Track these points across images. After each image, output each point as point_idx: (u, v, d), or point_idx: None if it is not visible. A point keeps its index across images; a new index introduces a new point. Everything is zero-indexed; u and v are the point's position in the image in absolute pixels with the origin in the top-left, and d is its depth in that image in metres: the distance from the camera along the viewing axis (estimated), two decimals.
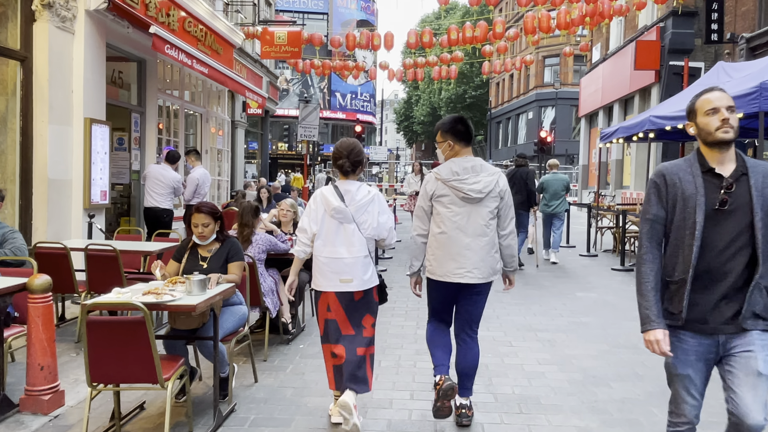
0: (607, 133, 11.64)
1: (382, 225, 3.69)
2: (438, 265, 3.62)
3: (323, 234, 3.67)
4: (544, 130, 26.30)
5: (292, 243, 5.76)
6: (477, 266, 3.56)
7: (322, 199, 3.67)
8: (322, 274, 3.68)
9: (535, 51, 39.73)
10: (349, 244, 3.63)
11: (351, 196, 3.65)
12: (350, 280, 3.60)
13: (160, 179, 8.28)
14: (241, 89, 10.67)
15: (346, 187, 3.67)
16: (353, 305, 3.66)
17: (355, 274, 3.62)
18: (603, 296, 7.86)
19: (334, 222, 3.64)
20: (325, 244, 3.66)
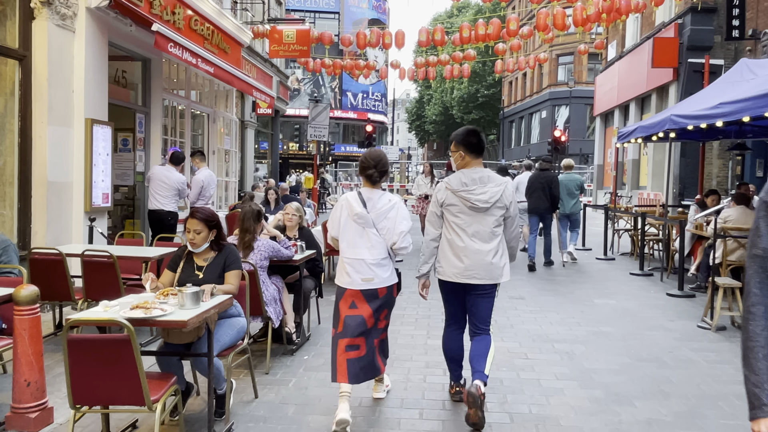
0: (625, 133, 11.28)
1: (396, 230, 3.89)
2: (447, 267, 3.96)
3: (347, 237, 3.94)
4: (558, 129, 25.87)
5: (296, 249, 5.51)
6: (483, 268, 3.89)
7: (346, 205, 3.95)
8: (346, 273, 3.95)
9: (548, 49, 39.28)
10: (371, 246, 3.89)
11: (373, 203, 3.92)
12: (371, 279, 3.88)
13: (164, 181, 8.06)
14: (248, 89, 10.44)
15: (369, 194, 3.95)
16: (376, 301, 3.91)
17: (376, 274, 3.89)
18: (622, 303, 7.53)
19: (358, 226, 3.90)
20: (349, 246, 3.94)
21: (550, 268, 10.21)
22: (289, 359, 5.23)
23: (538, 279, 9.14)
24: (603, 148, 25.07)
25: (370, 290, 3.88)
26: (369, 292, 3.89)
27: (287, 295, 5.47)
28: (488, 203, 3.87)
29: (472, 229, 3.91)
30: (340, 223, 3.95)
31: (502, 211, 3.93)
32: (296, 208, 5.98)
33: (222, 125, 11.91)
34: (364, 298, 3.89)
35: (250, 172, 19.05)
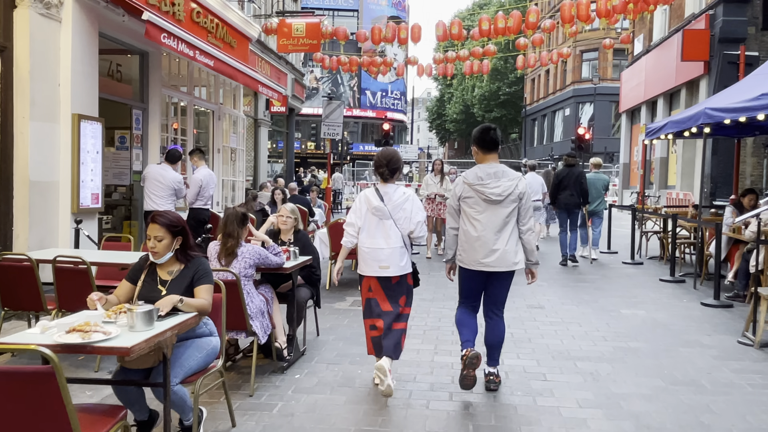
0: (654, 129, 10.57)
1: (413, 220, 4.27)
2: (466, 256, 4.28)
3: (366, 228, 4.32)
4: (582, 127, 25.09)
5: (288, 255, 4.98)
6: (499, 257, 4.18)
7: (365, 199, 4.35)
8: (365, 262, 4.33)
9: (572, 44, 38.31)
10: (387, 236, 4.26)
11: (389, 197, 4.30)
12: (387, 267, 4.24)
13: (160, 180, 7.61)
14: (253, 84, 9.95)
15: (385, 189, 4.34)
16: (391, 287, 4.29)
17: (392, 262, 4.25)
18: (652, 314, 6.87)
19: (375, 218, 4.29)
20: (368, 236, 4.31)
21: (573, 272, 9.57)
22: (278, 378, 4.70)
23: (560, 286, 8.50)
24: (629, 146, 24.20)
25: (386, 277, 4.28)
26: (383, 280, 4.29)
27: (278, 306, 4.94)
28: (501, 196, 4.16)
29: (486, 220, 4.20)
30: (361, 215, 4.35)
31: (516, 203, 4.21)
32: (291, 209, 5.44)
33: (228, 122, 11.45)
34: (379, 284, 4.30)
35: (264, 170, 18.62)
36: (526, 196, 4.27)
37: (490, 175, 4.21)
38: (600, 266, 10.28)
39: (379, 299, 4.32)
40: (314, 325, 5.93)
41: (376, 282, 4.31)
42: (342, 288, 8.25)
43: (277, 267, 4.67)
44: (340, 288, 8.25)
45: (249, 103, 18.79)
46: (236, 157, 11.48)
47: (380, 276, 4.28)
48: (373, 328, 4.36)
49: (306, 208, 11.06)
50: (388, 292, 4.31)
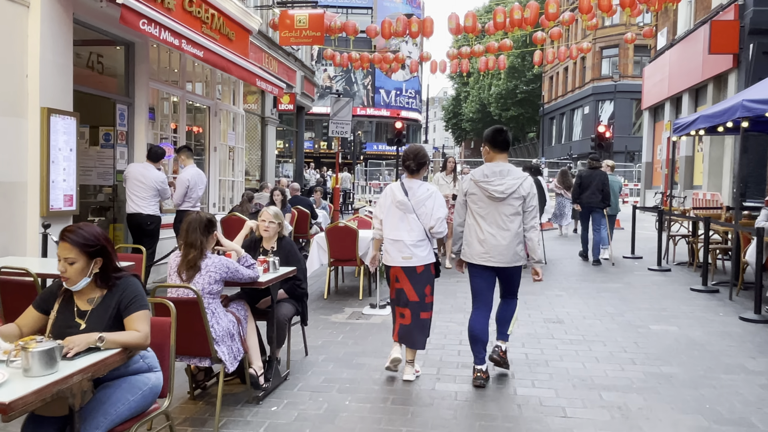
0: (683, 124, 9.76)
1: (434, 216, 4.41)
2: (470, 251, 4.43)
3: (389, 221, 4.53)
4: (603, 125, 24.16)
5: (266, 267, 4.31)
6: (501, 253, 4.31)
7: (390, 192, 4.55)
8: (389, 253, 4.53)
9: (592, 40, 37.25)
10: (410, 229, 4.45)
11: (413, 191, 4.48)
12: (410, 257, 4.43)
13: (141, 180, 7.00)
14: (250, 77, 9.31)
15: (409, 184, 4.52)
16: (416, 277, 4.45)
17: (414, 253, 4.44)
18: (686, 331, 6.10)
19: (399, 212, 4.48)
20: (391, 229, 4.52)
21: (595, 280, 8.81)
22: (251, 411, 4.03)
23: (580, 296, 7.75)
24: (652, 145, 23.26)
25: (409, 267, 4.46)
26: (408, 269, 4.46)
27: (253, 326, 4.27)
28: (504, 194, 4.28)
29: (490, 216, 4.34)
30: (384, 208, 4.57)
31: (519, 201, 4.32)
32: (274, 213, 4.77)
33: (226, 120, 10.83)
34: (405, 274, 4.47)
35: (271, 170, 18.04)
36: (531, 196, 4.37)
37: (496, 173, 4.35)
38: (624, 273, 9.50)
39: (406, 289, 4.49)
40: (302, 344, 5.26)
41: (401, 272, 4.49)
42: (342, 297, 7.59)
43: (250, 281, 4.01)
44: (339, 297, 7.59)
45: (256, 101, 18.23)
46: (235, 156, 10.85)
47: (405, 266, 4.47)
48: (401, 316, 4.55)
49: (308, 210, 10.41)
50: (414, 282, 4.48)
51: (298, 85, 20.65)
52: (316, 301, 7.35)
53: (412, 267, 4.46)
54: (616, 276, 9.21)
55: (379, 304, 6.90)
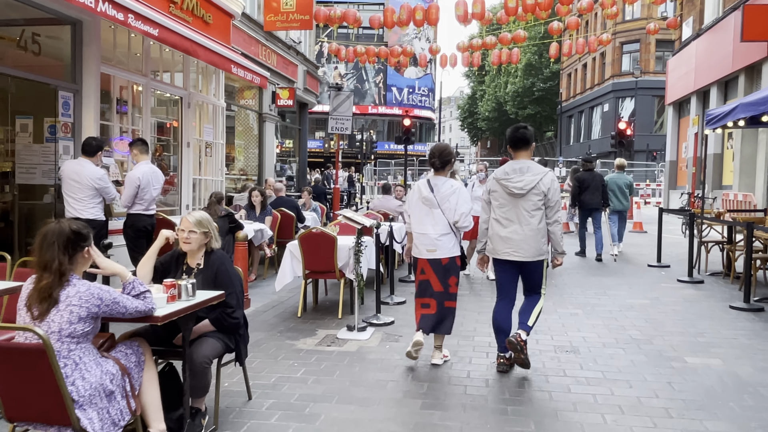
0: (718, 115, 8.54)
1: (458, 211, 4.68)
2: (493, 246, 4.65)
3: (416, 215, 4.83)
4: (624, 121, 22.83)
5: (175, 293, 3.21)
6: (522, 247, 4.49)
7: (417, 189, 4.84)
8: (415, 246, 4.84)
9: (612, 35, 35.79)
10: (435, 224, 4.74)
11: (438, 188, 4.75)
12: (434, 250, 4.72)
13: (76, 179, 5.97)
14: (222, 63, 8.25)
15: (435, 181, 4.79)
16: (442, 268, 4.73)
17: (439, 246, 4.72)
18: (731, 365, 4.91)
19: (425, 207, 4.78)
20: (418, 223, 4.82)
21: (618, 295, 7.63)
22: None
23: (599, 315, 6.57)
24: (676, 142, 21.88)
25: (435, 259, 4.71)
26: (434, 261, 4.71)
27: (153, 375, 3.17)
28: (523, 190, 4.44)
29: (512, 213, 4.52)
30: (412, 204, 4.84)
31: (539, 197, 4.46)
32: (196, 220, 3.67)
33: (203, 112, 9.79)
34: (430, 266, 4.72)
35: (270, 169, 17.02)
36: (552, 191, 4.48)
37: (516, 171, 4.51)
38: (651, 285, 8.29)
39: (431, 281, 4.72)
40: (245, 384, 4.17)
41: (428, 264, 4.73)
42: (319, 315, 6.50)
43: (140, 316, 2.92)
44: (316, 315, 6.50)
45: (253, 96, 17.24)
46: (212, 152, 9.79)
47: (430, 258, 4.70)
48: (425, 306, 4.74)
49: (294, 213, 9.33)
50: (439, 273, 4.70)
51: (300, 80, 19.62)
52: (287, 321, 6.27)
53: (437, 259, 4.70)
54: (641, 289, 8.01)
55: (357, 326, 5.80)
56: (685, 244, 9.47)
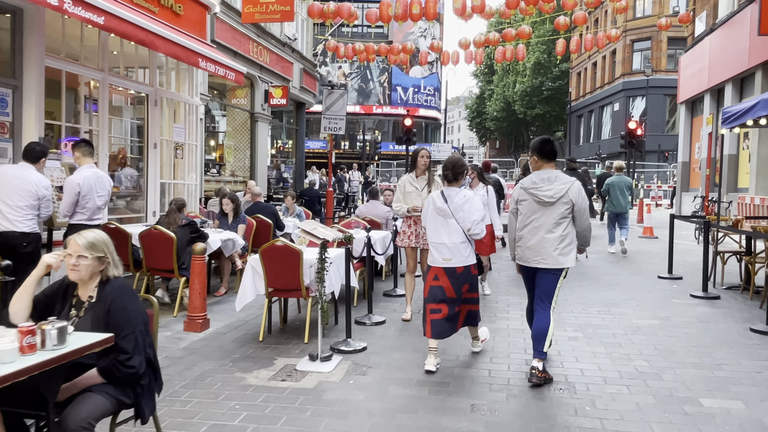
0: (735, 113, 7.72)
1: (469, 219, 4.82)
2: (521, 253, 4.76)
3: (431, 225, 4.98)
4: (634, 121, 21.96)
5: (34, 342, 2.47)
6: (548, 255, 4.59)
7: (431, 201, 5.02)
8: (431, 255, 4.98)
9: (622, 33, 34.84)
10: (449, 233, 4.87)
11: (451, 199, 4.91)
12: (450, 259, 4.84)
13: (17, 185, 5.27)
14: (187, 56, 7.49)
15: (448, 192, 4.97)
16: (456, 276, 4.83)
17: (454, 255, 4.84)
18: (756, 410, 4.10)
19: (440, 217, 4.92)
20: (433, 232, 4.97)
21: (624, 313, 6.82)
22: None
23: (600, 341, 5.78)
24: (689, 142, 20.95)
25: (450, 268, 4.84)
26: (449, 270, 4.84)
27: None
28: (553, 198, 4.58)
29: (539, 221, 4.63)
30: (427, 215, 5.04)
31: (568, 206, 4.60)
32: (88, 243, 2.93)
33: (177, 111, 9.07)
34: (445, 274, 4.84)
35: (262, 171, 16.32)
36: (581, 200, 4.60)
37: (544, 180, 4.64)
38: (661, 301, 7.48)
39: (444, 287, 4.80)
40: None
41: (442, 272, 4.83)
42: (282, 339, 5.76)
43: None
44: (279, 339, 5.75)
45: (245, 95, 16.56)
46: (184, 154, 9.04)
47: (446, 267, 4.81)
48: (435, 312, 4.78)
49: (271, 220, 8.60)
50: (453, 280, 4.80)
51: (296, 78, 18.92)
52: (245, 346, 5.53)
53: (453, 268, 4.82)
54: (650, 306, 7.20)
55: (321, 356, 5.05)
56: (699, 252, 8.65)
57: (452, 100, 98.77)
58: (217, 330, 6.08)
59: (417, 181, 6.48)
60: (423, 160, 6.48)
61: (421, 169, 6.47)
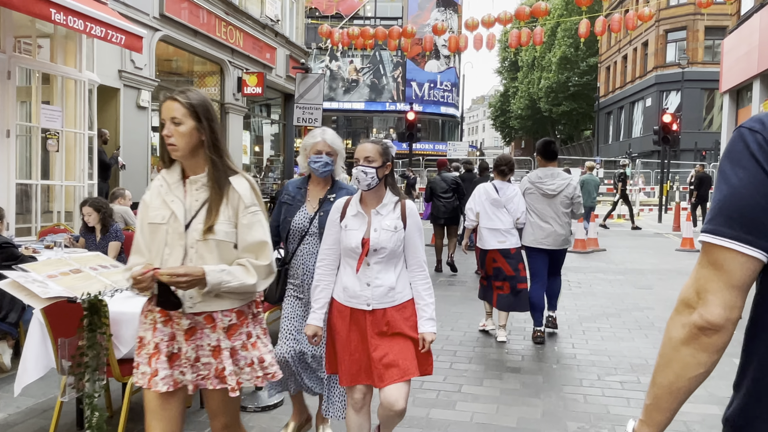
0: None
1: (519, 209, 5.53)
2: (533, 237, 5.52)
3: (486, 214, 5.64)
4: (668, 114, 19.33)
5: None
6: (554, 238, 5.46)
7: (485, 191, 5.70)
8: (486, 239, 5.62)
9: (656, 14, 31.94)
10: (502, 221, 5.58)
11: (503, 191, 5.63)
12: (504, 241, 5.53)
13: None
14: (36, 6, 5.30)
15: (500, 185, 5.67)
16: (510, 256, 5.55)
17: (506, 238, 5.55)
18: None
19: (493, 206, 5.62)
20: (488, 220, 5.63)
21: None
22: None
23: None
24: None
25: (504, 249, 5.55)
26: (504, 251, 5.54)
27: None
28: (555, 191, 5.44)
29: (546, 210, 5.46)
30: (480, 204, 5.67)
31: (567, 200, 5.49)
32: None
33: (52, 87, 6.89)
34: (501, 255, 5.54)
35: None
36: (576, 194, 5.55)
37: (548, 176, 5.51)
38: None
39: (503, 267, 5.53)
40: None
41: (498, 253, 5.54)
42: None
43: None
44: None
45: (215, 83, 14.48)
46: (61, 146, 6.82)
47: (501, 248, 5.53)
48: (499, 288, 5.58)
49: None
50: (509, 260, 5.53)
51: (280, 65, 16.79)
52: None
53: (507, 249, 5.53)
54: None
55: None
56: None
57: (477, 99, 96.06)
58: (7, 420, 3.88)
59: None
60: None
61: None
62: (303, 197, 3.40)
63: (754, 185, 1.10)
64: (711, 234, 1.14)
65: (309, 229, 3.28)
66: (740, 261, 1.11)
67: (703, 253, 1.17)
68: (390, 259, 2.76)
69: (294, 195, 3.42)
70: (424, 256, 2.88)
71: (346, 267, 2.83)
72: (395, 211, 2.81)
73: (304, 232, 3.30)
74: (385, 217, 2.79)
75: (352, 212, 2.82)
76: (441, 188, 9.26)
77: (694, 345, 1.15)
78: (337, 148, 3.34)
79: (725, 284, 1.12)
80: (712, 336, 1.14)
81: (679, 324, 1.18)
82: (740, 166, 1.13)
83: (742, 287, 1.13)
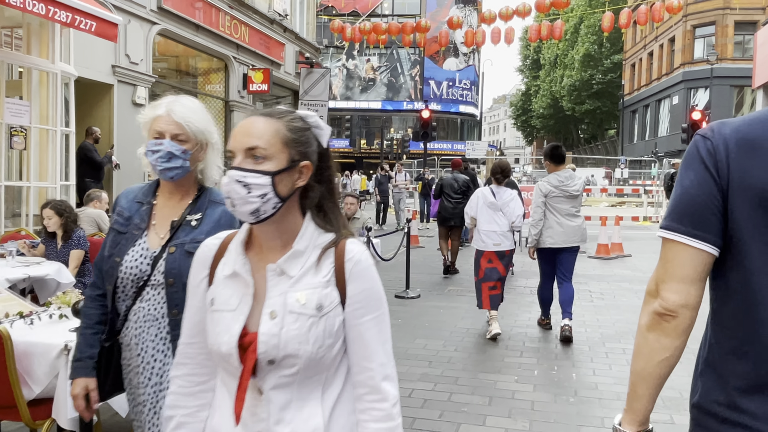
0: None
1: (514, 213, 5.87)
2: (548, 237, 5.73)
3: (483, 217, 5.92)
4: (698, 110, 18.38)
5: None
6: (574, 235, 5.73)
7: (482, 195, 6.04)
8: (483, 240, 5.90)
9: (684, 6, 30.79)
10: (499, 223, 5.87)
11: (500, 195, 5.93)
12: (499, 244, 5.84)
13: None
14: None
15: (497, 190, 5.98)
16: (504, 257, 5.91)
17: (502, 240, 5.86)
18: None
19: (490, 210, 5.90)
20: (486, 222, 5.91)
21: None
22: None
23: None
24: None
25: (500, 251, 5.86)
26: (500, 253, 5.86)
27: None
28: (578, 191, 5.79)
29: (565, 210, 5.72)
30: (477, 207, 5.99)
31: (581, 197, 5.89)
32: None
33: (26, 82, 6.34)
34: (497, 256, 5.85)
35: None
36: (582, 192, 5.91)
37: (567, 177, 5.74)
38: None
39: (498, 268, 5.84)
40: None
41: (494, 255, 5.84)
42: None
43: None
44: None
45: (220, 81, 13.96)
46: (29, 144, 6.22)
47: (497, 250, 5.83)
48: (492, 288, 5.83)
49: None
50: (503, 261, 5.88)
51: (289, 62, 16.21)
52: None
53: (502, 251, 5.85)
54: None
55: None
56: None
57: (498, 99, 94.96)
58: None
59: None
60: None
61: None
62: (145, 219, 1.97)
63: (701, 186, 1.21)
64: (665, 230, 1.26)
65: (151, 279, 1.90)
66: (690, 253, 1.22)
67: (661, 247, 1.27)
68: (308, 377, 1.29)
69: (130, 215, 1.98)
70: (386, 360, 1.34)
71: (222, 391, 1.36)
72: (320, 267, 1.32)
73: (141, 281, 1.91)
74: (296, 281, 1.30)
75: (226, 269, 1.35)
76: (451, 188, 9.29)
77: (657, 330, 1.25)
78: (195, 129, 1.92)
79: (679, 274, 1.22)
80: (672, 321, 1.23)
81: (645, 312, 1.27)
82: (691, 169, 1.24)
83: (694, 277, 1.23)
